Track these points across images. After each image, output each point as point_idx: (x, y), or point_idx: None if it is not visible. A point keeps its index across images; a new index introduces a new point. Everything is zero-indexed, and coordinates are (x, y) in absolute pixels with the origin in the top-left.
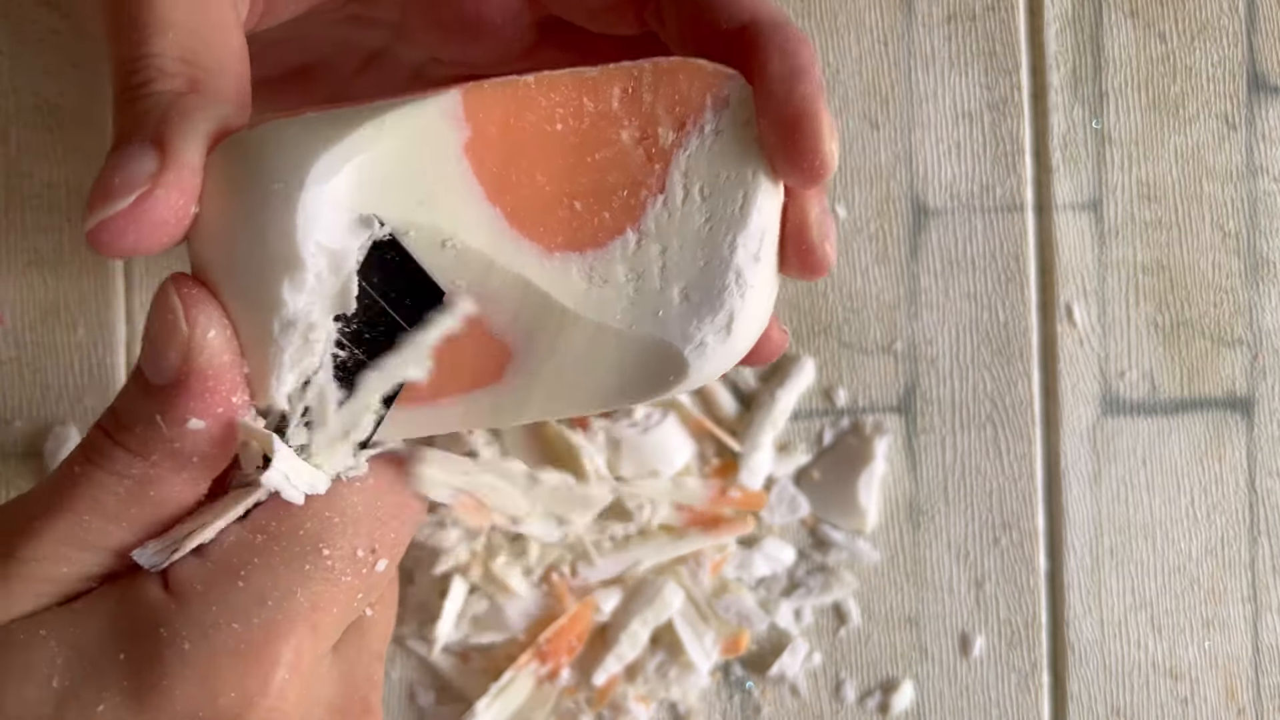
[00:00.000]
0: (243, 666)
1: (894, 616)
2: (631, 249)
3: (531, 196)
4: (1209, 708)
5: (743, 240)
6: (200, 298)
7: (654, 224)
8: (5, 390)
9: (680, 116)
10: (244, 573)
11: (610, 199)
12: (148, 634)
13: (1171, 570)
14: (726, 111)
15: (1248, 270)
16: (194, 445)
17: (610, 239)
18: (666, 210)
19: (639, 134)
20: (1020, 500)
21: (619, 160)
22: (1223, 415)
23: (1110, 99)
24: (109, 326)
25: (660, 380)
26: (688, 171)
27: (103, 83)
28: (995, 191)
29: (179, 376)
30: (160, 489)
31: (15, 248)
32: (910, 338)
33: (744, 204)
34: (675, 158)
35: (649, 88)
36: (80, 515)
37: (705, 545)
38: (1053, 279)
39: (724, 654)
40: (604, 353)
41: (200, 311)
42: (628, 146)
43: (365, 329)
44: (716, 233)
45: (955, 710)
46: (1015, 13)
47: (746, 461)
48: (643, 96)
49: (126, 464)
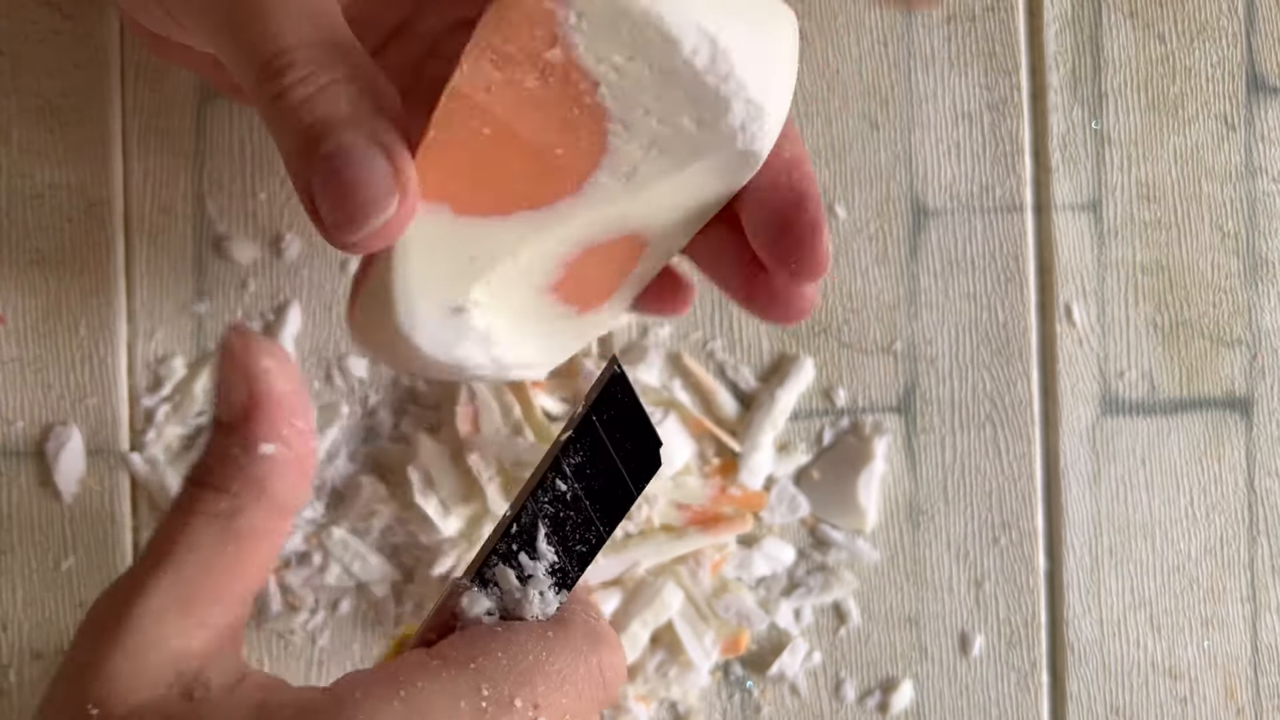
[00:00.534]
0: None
1: (894, 616)
2: (624, 131)
3: (527, 180)
4: (1208, 707)
5: (688, 48)
6: (255, 340)
7: (618, 105)
8: (7, 390)
9: (548, 27)
10: (404, 693)
11: (573, 122)
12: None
13: (1170, 570)
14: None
15: (1247, 270)
16: (268, 470)
17: (602, 141)
18: (614, 89)
19: (536, 71)
20: (1020, 500)
21: (548, 98)
22: (1222, 415)
23: (1110, 99)
24: (110, 326)
25: (745, 168)
26: (597, 55)
27: (105, 83)
28: (995, 192)
29: (247, 407)
30: (246, 519)
31: (16, 248)
32: (910, 338)
33: (663, 34)
34: (578, 57)
35: (501, 38)
36: (181, 568)
37: (705, 545)
38: (1052, 279)
39: (724, 654)
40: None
41: (257, 349)
42: (540, 86)
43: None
44: (669, 66)
45: (955, 710)
46: (1015, 13)
47: (746, 461)
48: (504, 48)
49: (213, 502)
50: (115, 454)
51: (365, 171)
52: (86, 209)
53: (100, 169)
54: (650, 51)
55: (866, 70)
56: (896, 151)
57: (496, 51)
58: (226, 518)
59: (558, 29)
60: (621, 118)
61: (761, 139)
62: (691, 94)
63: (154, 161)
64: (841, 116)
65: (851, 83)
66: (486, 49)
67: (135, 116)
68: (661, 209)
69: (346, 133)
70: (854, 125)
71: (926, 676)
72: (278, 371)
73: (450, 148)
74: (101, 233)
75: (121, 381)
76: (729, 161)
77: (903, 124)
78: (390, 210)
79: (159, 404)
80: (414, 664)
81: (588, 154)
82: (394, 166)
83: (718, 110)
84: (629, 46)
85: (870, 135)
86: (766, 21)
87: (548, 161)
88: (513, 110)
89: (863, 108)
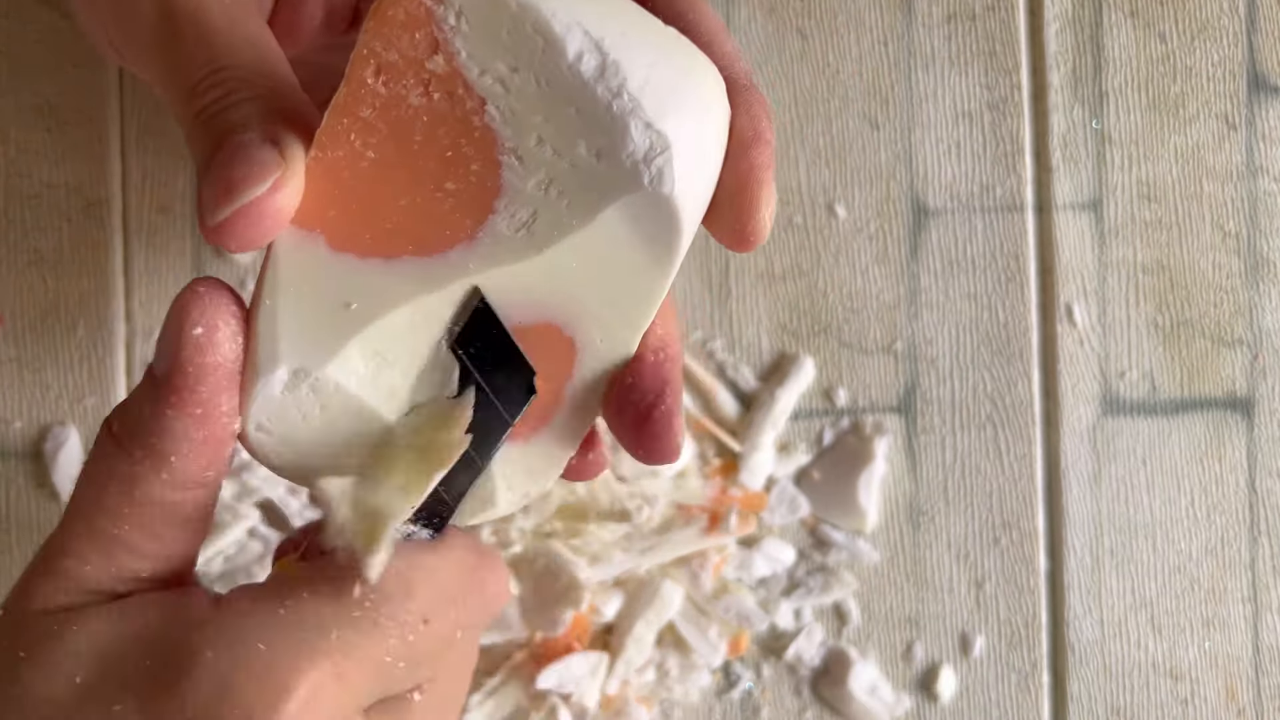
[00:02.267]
0: (256, 685)
1: (894, 616)
2: (518, 164)
3: (414, 218)
4: (1209, 708)
5: (571, 52)
6: (207, 299)
7: (508, 127)
8: (5, 390)
9: (427, 29)
10: (289, 601)
11: (463, 150)
12: (180, 641)
13: (1171, 570)
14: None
15: (1248, 270)
16: (171, 444)
17: (496, 176)
18: (502, 108)
19: (420, 84)
20: (1020, 500)
21: (434, 118)
22: (1223, 415)
23: (1110, 99)
24: (109, 326)
25: (664, 223)
26: (480, 64)
27: (103, 83)
28: (995, 191)
29: (168, 370)
30: (143, 489)
31: (15, 248)
32: (910, 338)
33: (545, 35)
34: (461, 68)
35: (383, 44)
36: (92, 516)
37: (705, 545)
38: (1053, 279)
39: (725, 654)
40: (604, 248)
41: (195, 309)
42: (425, 102)
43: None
44: (555, 76)
45: (955, 710)
46: (1015, 13)
47: (747, 462)
48: (386, 56)
49: (115, 459)
50: None
51: (249, 153)
52: (85, 209)
53: (99, 168)
54: (534, 58)
55: (866, 70)
56: (897, 151)
57: (378, 59)
58: (125, 480)
59: (438, 32)
60: (514, 147)
61: (670, 179)
62: (583, 111)
63: (152, 161)
64: (841, 116)
65: (851, 82)
66: (369, 58)
67: (134, 116)
68: (579, 287)
69: (244, 134)
70: (854, 125)
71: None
72: (209, 342)
73: (329, 170)
74: (100, 232)
75: (120, 382)
76: (641, 212)
77: (903, 123)
78: (265, 184)
79: None
80: (300, 577)
81: (480, 191)
82: (280, 153)
83: (613, 134)
84: (511, 52)
85: (870, 135)
86: (675, 54)
87: (437, 198)
88: (398, 132)
89: (863, 107)
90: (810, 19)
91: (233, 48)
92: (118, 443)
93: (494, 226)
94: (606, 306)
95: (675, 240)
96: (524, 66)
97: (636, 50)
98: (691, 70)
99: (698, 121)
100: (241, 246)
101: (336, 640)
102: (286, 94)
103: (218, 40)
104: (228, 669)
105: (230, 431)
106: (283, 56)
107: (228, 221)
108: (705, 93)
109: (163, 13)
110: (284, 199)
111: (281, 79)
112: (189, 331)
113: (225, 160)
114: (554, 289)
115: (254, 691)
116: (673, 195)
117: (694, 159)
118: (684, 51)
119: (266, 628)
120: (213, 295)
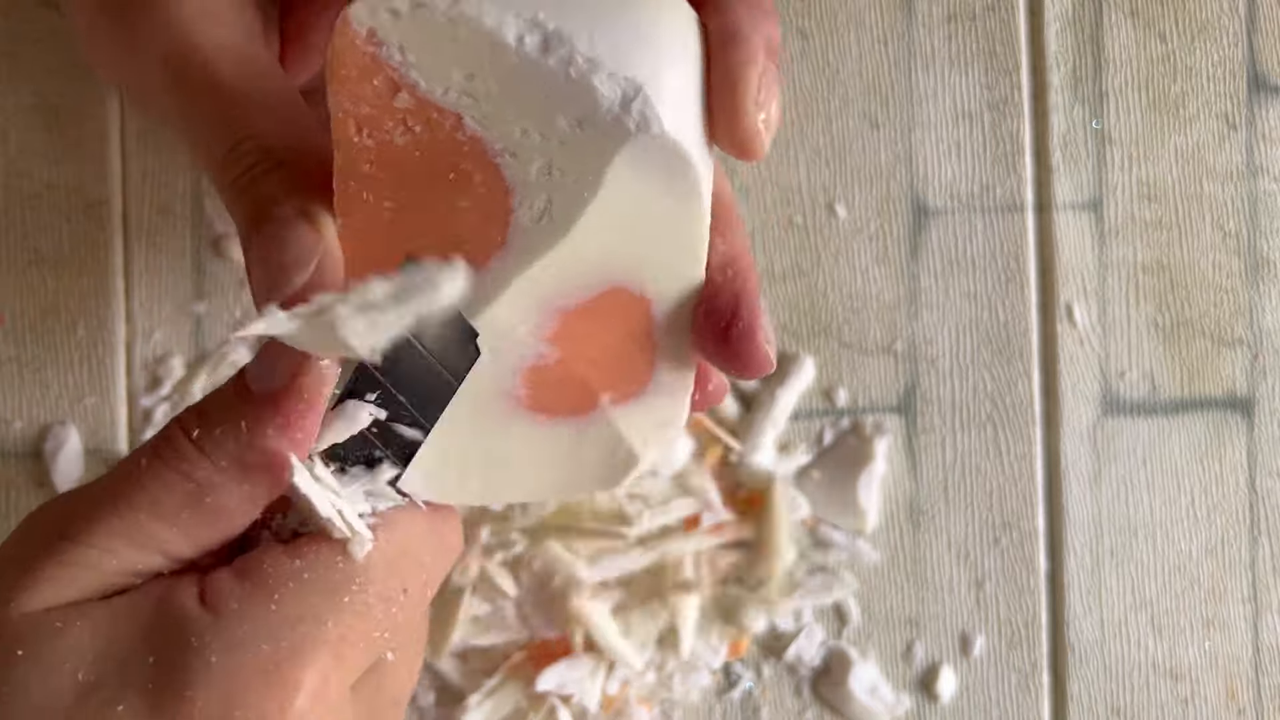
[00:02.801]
0: (265, 687)
1: (894, 616)
2: (514, 160)
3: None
4: (1209, 708)
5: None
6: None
7: (490, 130)
8: (5, 390)
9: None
10: (278, 596)
11: (461, 167)
12: (178, 642)
13: (1172, 570)
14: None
15: (1248, 270)
16: (264, 462)
17: (500, 178)
18: (477, 115)
19: (398, 123)
20: (1020, 500)
21: (423, 148)
22: (1223, 415)
23: (1110, 99)
24: (109, 326)
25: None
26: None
27: (102, 82)
28: (995, 191)
29: (282, 387)
30: (218, 498)
31: (15, 248)
32: (910, 338)
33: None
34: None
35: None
36: (137, 511)
37: (705, 546)
38: (1053, 279)
39: (727, 656)
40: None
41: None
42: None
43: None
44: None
45: (955, 710)
46: (1015, 13)
47: (748, 461)
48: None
49: (194, 464)
50: (113, 454)
51: (286, 239)
52: (85, 209)
53: (99, 169)
54: (483, 59)
55: (866, 70)
56: (897, 151)
57: (355, 116)
58: (200, 487)
59: (391, 72)
60: (503, 145)
61: (655, 118)
62: (548, 89)
63: (152, 161)
64: (841, 116)
65: (851, 83)
66: (346, 119)
67: (133, 116)
68: (621, 245)
69: (277, 209)
70: (854, 125)
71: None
72: (328, 375)
73: (357, 233)
74: (100, 233)
75: (120, 381)
76: (644, 159)
77: (903, 123)
78: (309, 267)
79: (157, 404)
80: (280, 570)
81: (493, 198)
82: (314, 228)
83: (583, 98)
84: (461, 62)
85: (870, 135)
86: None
87: (457, 219)
88: (398, 175)
89: (863, 107)
90: (810, 19)
91: (249, 112)
92: (199, 449)
93: (517, 224)
94: (654, 252)
95: (687, 169)
96: (479, 71)
97: (573, 12)
98: (639, 8)
99: (662, 53)
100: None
101: (333, 628)
102: (308, 151)
103: (233, 104)
104: (234, 673)
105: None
106: (297, 97)
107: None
108: (663, 23)
109: (173, 73)
110: (329, 273)
111: (300, 133)
112: (313, 359)
113: (267, 250)
114: (598, 256)
115: (262, 693)
116: (664, 132)
117: (673, 90)
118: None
119: (264, 628)
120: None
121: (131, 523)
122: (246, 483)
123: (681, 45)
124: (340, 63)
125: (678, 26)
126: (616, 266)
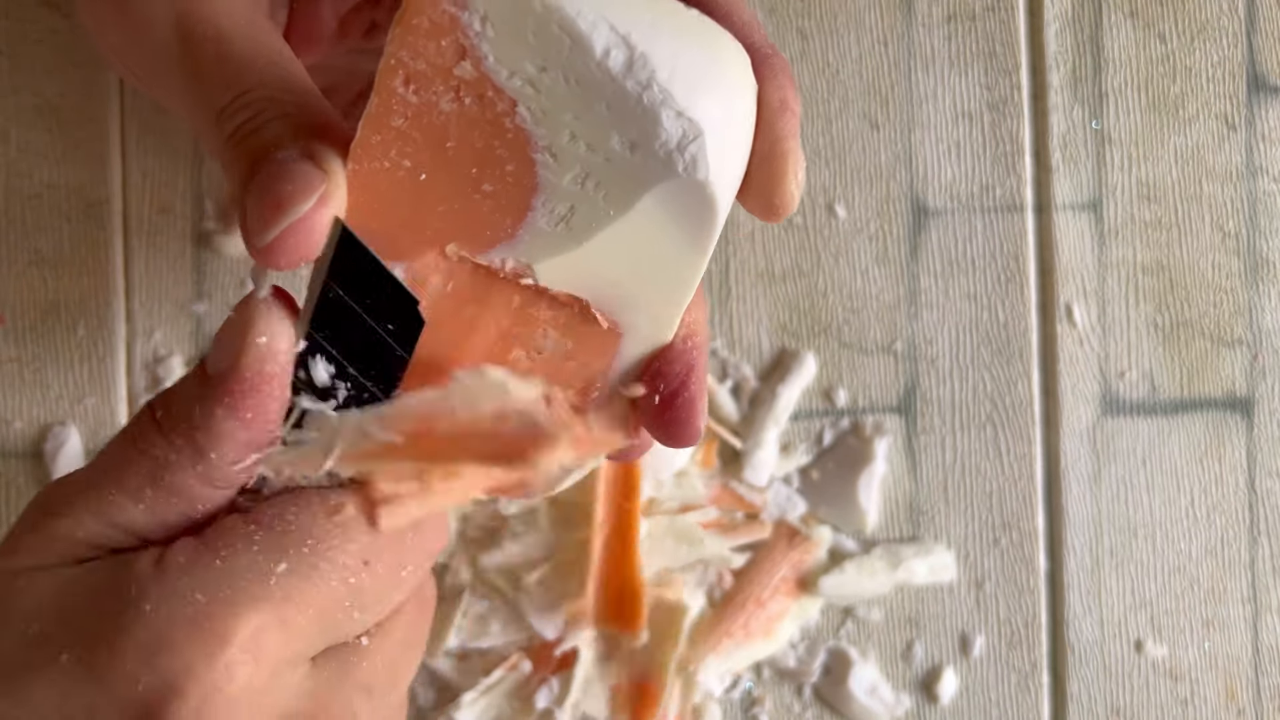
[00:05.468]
0: (194, 635)
1: (894, 616)
2: (553, 161)
3: (454, 222)
4: (1209, 708)
5: (599, 49)
6: (271, 309)
7: (540, 126)
8: (5, 390)
9: (453, 36)
10: (225, 553)
11: (497, 152)
12: (122, 595)
13: (1171, 570)
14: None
15: (1247, 270)
16: (212, 441)
17: (532, 174)
18: (533, 108)
19: (450, 90)
20: (1020, 500)
21: (466, 122)
22: (1222, 415)
23: (1110, 99)
24: (109, 326)
25: (700, 207)
26: (509, 66)
27: (103, 83)
28: (995, 191)
29: (225, 370)
30: (175, 476)
31: (15, 248)
32: (910, 338)
33: (571, 34)
34: (489, 72)
35: (410, 53)
36: (105, 488)
37: (709, 550)
38: (1053, 279)
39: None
40: (642, 235)
41: (262, 319)
42: (456, 108)
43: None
44: (584, 74)
45: (955, 710)
46: (1015, 13)
47: (750, 459)
48: (413, 65)
49: (152, 442)
50: None
51: (290, 170)
52: (85, 209)
53: (99, 169)
54: (561, 57)
55: (866, 70)
56: (897, 151)
57: (407, 69)
58: (157, 464)
59: (463, 38)
60: (548, 144)
61: (704, 165)
62: (613, 106)
63: (153, 161)
64: (842, 116)
65: (851, 82)
66: (397, 68)
67: (134, 116)
68: (620, 274)
69: (280, 152)
70: (854, 125)
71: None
72: (271, 351)
73: (368, 182)
74: (100, 233)
75: (120, 381)
76: (676, 198)
77: (903, 124)
78: (310, 199)
79: None
80: (236, 529)
81: (518, 191)
82: (320, 167)
83: (645, 125)
84: (539, 53)
85: (870, 135)
86: (700, 37)
87: (475, 200)
88: (432, 139)
89: (863, 107)
90: (810, 19)
91: (255, 68)
92: (159, 428)
93: (533, 223)
94: (647, 290)
95: (711, 221)
96: (552, 66)
97: (663, 39)
98: (718, 52)
99: (727, 104)
100: (290, 264)
101: (275, 586)
102: (314, 108)
103: (239, 63)
104: (163, 621)
105: (270, 439)
106: (303, 69)
107: (277, 240)
108: (732, 73)
109: (181, 38)
110: (330, 212)
111: (306, 93)
112: (254, 338)
113: (267, 180)
114: (595, 277)
115: (190, 641)
116: (707, 180)
117: (725, 141)
118: (709, 33)
119: (204, 579)
120: (279, 308)
121: (98, 498)
122: (200, 463)
123: (744, 104)
124: (415, 10)
125: (745, 84)
126: (605, 292)
